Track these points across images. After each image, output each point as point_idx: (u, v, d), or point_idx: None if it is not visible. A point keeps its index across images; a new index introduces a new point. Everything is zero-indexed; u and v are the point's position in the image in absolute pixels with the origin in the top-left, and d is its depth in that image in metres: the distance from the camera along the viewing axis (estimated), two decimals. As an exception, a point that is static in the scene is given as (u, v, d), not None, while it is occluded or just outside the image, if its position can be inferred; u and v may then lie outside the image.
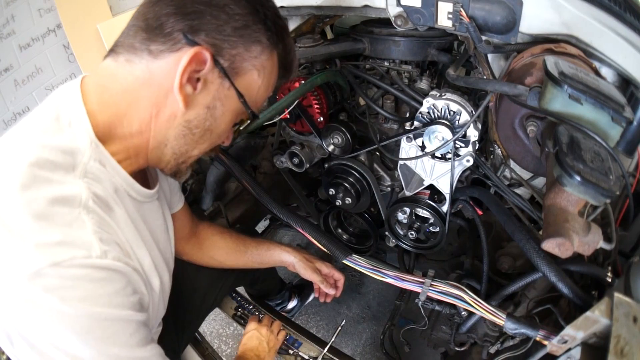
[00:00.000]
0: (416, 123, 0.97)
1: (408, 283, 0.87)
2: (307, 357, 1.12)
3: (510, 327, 0.75)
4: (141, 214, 0.67)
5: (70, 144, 0.55)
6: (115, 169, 0.60)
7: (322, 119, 1.10)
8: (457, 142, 0.94)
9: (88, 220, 0.53)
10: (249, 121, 0.72)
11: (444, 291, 0.83)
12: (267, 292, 1.51)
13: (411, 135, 0.99)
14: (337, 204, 1.21)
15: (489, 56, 0.88)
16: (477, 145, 0.96)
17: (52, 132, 0.56)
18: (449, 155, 0.97)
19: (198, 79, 0.58)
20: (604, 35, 0.75)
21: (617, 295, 0.55)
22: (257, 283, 1.37)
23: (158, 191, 0.75)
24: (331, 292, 1.07)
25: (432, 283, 0.84)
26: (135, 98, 0.58)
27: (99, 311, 0.52)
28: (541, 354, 0.74)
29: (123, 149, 0.61)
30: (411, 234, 1.17)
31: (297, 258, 1.05)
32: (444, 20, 0.82)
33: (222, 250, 1.04)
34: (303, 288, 1.71)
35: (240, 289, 1.36)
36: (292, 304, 1.68)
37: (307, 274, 1.04)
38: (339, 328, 1.14)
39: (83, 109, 0.57)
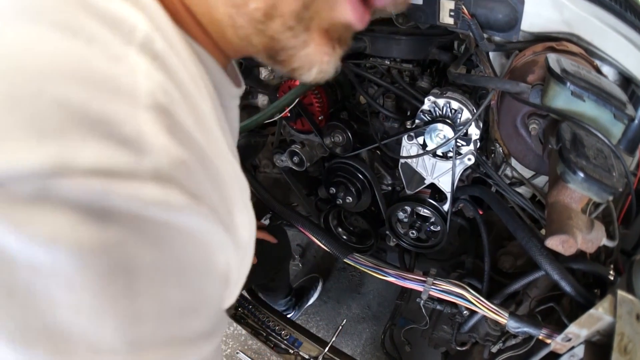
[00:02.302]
0: (417, 121, 0.97)
1: (410, 281, 0.87)
2: (307, 357, 1.11)
3: (513, 325, 0.75)
4: (227, 118, 0.40)
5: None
6: (194, 47, 0.33)
7: (322, 117, 1.10)
8: (458, 140, 0.94)
9: (147, 65, 0.25)
10: None
11: (446, 290, 0.83)
12: (275, 291, 1.50)
13: (412, 134, 0.99)
14: (338, 202, 1.21)
15: (491, 54, 0.88)
16: (479, 144, 0.95)
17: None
18: (450, 154, 0.97)
19: None
20: (605, 33, 0.75)
21: (620, 293, 0.55)
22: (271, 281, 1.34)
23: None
24: None
25: (435, 281, 0.84)
26: None
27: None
28: (544, 352, 0.74)
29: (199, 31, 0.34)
30: (412, 233, 1.17)
31: None
32: (446, 18, 0.82)
33: None
34: (302, 293, 1.72)
35: (240, 289, 1.36)
36: (292, 313, 1.70)
37: None
38: (339, 328, 1.14)
39: None
